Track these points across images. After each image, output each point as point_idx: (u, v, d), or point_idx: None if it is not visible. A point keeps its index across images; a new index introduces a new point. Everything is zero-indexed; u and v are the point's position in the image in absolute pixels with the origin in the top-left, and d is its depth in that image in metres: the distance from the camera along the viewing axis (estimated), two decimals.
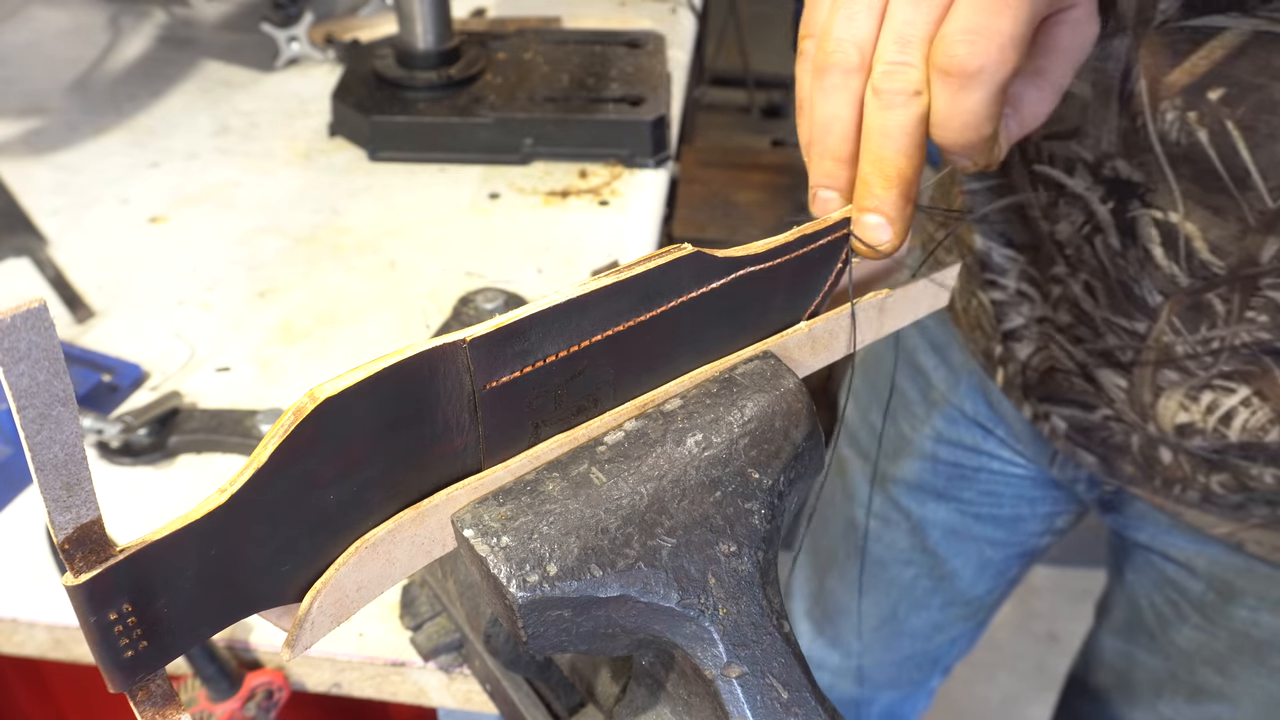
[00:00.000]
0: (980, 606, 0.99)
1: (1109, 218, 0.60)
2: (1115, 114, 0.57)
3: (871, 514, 0.96)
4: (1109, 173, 0.59)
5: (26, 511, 0.71)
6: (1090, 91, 0.58)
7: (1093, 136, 0.59)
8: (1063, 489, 0.84)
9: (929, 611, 0.98)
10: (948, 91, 0.39)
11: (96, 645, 0.28)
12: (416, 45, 1.10)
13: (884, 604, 0.99)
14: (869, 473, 0.96)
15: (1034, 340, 0.71)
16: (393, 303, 0.89)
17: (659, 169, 1.06)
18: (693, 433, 0.37)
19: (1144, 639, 0.84)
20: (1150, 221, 0.58)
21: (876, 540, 0.97)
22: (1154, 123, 0.55)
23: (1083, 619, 0.98)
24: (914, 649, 1.02)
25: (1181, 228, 0.57)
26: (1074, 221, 0.63)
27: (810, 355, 0.43)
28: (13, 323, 0.23)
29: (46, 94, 1.20)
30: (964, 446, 0.86)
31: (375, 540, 0.33)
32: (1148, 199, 0.58)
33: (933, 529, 0.92)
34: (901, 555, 0.96)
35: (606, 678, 0.47)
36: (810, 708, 0.34)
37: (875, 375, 0.93)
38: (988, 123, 0.39)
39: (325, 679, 0.64)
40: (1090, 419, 0.69)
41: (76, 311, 0.87)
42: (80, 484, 0.26)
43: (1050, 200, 0.64)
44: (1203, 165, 0.54)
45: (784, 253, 0.39)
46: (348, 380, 0.29)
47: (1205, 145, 0.53)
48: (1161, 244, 0.58)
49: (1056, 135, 0.61)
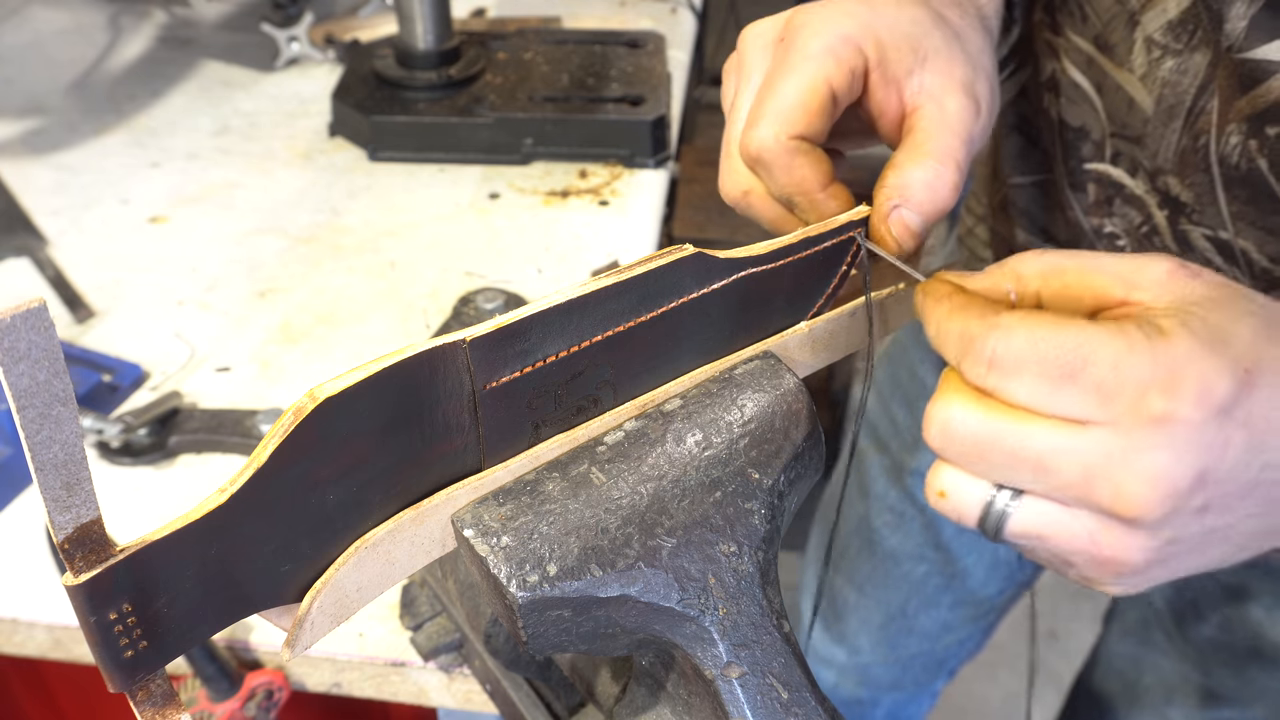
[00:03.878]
0: (990, 607, 0.98)
1: (1165, 224, 0.60)
2: (1177, 131, 0.57)
3: (886, 508, 0.95)
4: (1161, 186, 0.59)
5: (26, 511, 0.71)
6: (1154, 106, 0.58)
7: (1150, 149, 0.59)
8: None
9: (938, 610, 0.98)
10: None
11: (96, 645, 0.28)
12: (416, 45, 1.10)
13: (894, 600, 0.99)
14: (886, 465, 0.95)
15: None
16: (393, 303, 0.89)
17: (659, 169, 1.06)
18: (693, 433, 0.37)
19: (1160, 639, 0.83)
20: (1202, 236, 0.58)
21: (892, 534, 0.96)
22: (1217, 144, 0.55)
23: (1083, 618, 0.98)
24: (921, 648, 1.01)
25: (1235, 243, 0.57)
26: (1131, 220, 0.63)
27: (810, 355, 0.43)
28: (13, 323, 0.23)
29: (46, 94, 1.20)
30: None
31: (375, 540, 0.33)
32: (1195, 219, 0.58)
33: (947, 525, 0.91)
34: (915, 550, 0.95)
35: (606, 678, 0.47)
36: (810, 708, 0.34)
37: (899, 367, 0.93)
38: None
39: (325, 679, 0.64)
40: None
41: (76, 311, 0.87)
42: (80, 484, 0.26)
43: (1103, 197, 0.64)
44: (1261, 190, 0.54)
45: (787, 254, 0.39)
46: (348, 380, 0.29)
47: (1265, 172, 0.53)
48: (1219, 254, 0.58)
49: (1124, 137, 0.61)
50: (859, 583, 1.01)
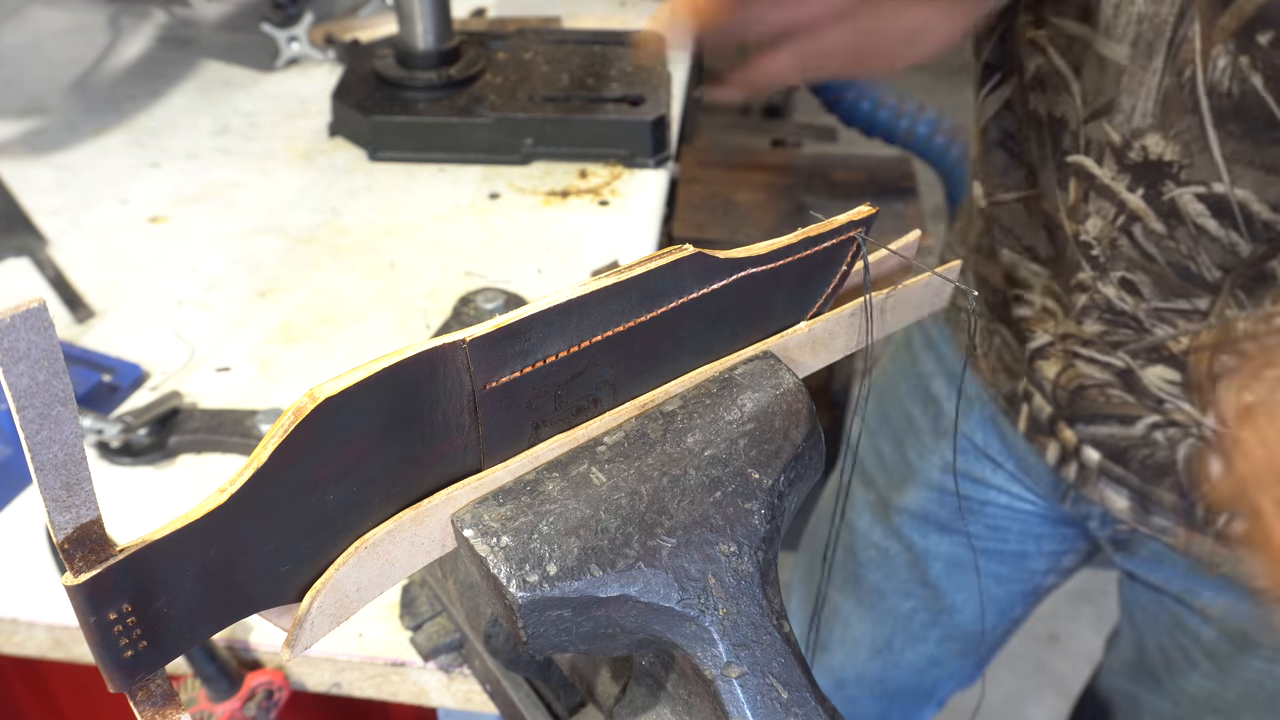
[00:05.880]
0: (980, 643, 0.97)
1: (1143, 204, 0.59)
2: (1158, 72, 0.55)
3: (872, 544, 0.94)
4: (1136, 156, 0.58)
5: (26, 511, 0.71)
6: (1128, 52, 0.56)
7: (1125, 110, 0.57)
8: (1073, 525, 0.82)
9: (925, 645, 0.96)
10: None
11: (96, 645, 0.28)
12: (416, 45, 1.10)
13: (879, 634, 0.97)
14: (871, 500, 0.93)
15: (1061, 357, 0.69)
16: (393, 303, 0.89)
17: (659, 169, 1.06)
18: (692, 432, 0.37)
19: (1150, 682, 0.82)
20: (1193, 198, 0.56)
21: (876, 569, 0.94)
22: (1204, 73, 0.53)
23: (1082, 619, 0.97)
24: (908, 682, 0.99)
25: (1231, 196, 0.55)
26: (1105, 215, 0.61)
27: (810, 355, 0.43)
28: (13, 323, 0.23)
29: (46, 94, 1.20)
30: (972, 478, 0.84)
31: (375, 540, 0.33)
32: (1183, 176, 0.56)
33: (935, 561, 0.90)
34: (901, 586, 0.93)
35: (606, 678, 0.47)
36: (810, 708, 0.34)
37: (888, 403, 0.92)
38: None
39: (325, 679, 0.64)
40: (1131, 434, 0.67)
41: (76, 311, 0.87)
42: (80, 484, 0.26)
43: (1079, 196, 0.63)
44: (1257, 117, 0.52)
45: (787, 254, 0.39)
46: (348, 380, 0.29)
47: (1260, 90, 0.51)
48: (1214, 215, 0.56)
49: (1095, 114, 0.59)
50: (844, 616, 0.99)
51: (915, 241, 0.45)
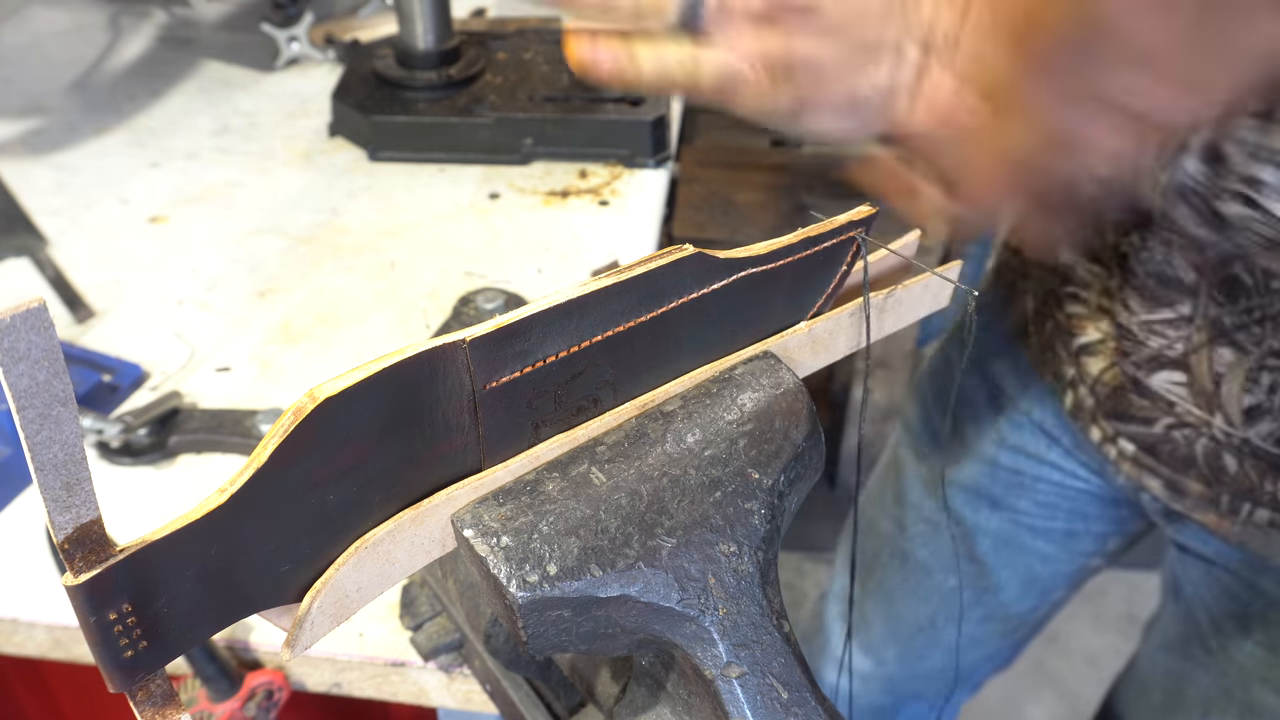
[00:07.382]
0: (1020, 624, 0.97)
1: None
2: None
3: (921, 519, 0.94)
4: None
5: (26, 511, 0.71)
6: None
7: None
8: (1123, 506, 0.82)
9: (967, 624, 0.96)
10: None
11: (96, 645, 0.28)
12: (416, 45, 1.10)
13: (923, 611, 0.97)
14: (924, 475, 0.94)
15: (1106, 355, 0.70)
16: (393, 303, 0.89)
17: (659, 169, 1.06)
18: (692, 432, 0.37)
19: (1200, 654, 0.81)
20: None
21: (922, 546, 0.94)
22: None
23: (1082, 619, 0.97)
24: (947, 661, 0.99)
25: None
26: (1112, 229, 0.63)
27: (810, 355, 0.43)
28: (13, 323, 0.23)
29: (46, 94, 1.20)
30: (1026, 454, 0.84)
31: (375, 540, 0.33)
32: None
33: (983, 537, 0.90)
34: (947, 563, 0.94)
35: (606, 678, 0.47)
36: (810, 708, 0.34)
37: (944, 378, 0.92)
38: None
39: (325, 679, 0.64)
40: (1153, 433, 0.68)
41: (76, 311, 0.87)
42: (80, 484, 0.26)
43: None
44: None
45: (787, 254, 0.39)
46: (348, 380, 0.29)
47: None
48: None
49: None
50: (888, 591, 0.99)
51: (915, 241, 0.45)
